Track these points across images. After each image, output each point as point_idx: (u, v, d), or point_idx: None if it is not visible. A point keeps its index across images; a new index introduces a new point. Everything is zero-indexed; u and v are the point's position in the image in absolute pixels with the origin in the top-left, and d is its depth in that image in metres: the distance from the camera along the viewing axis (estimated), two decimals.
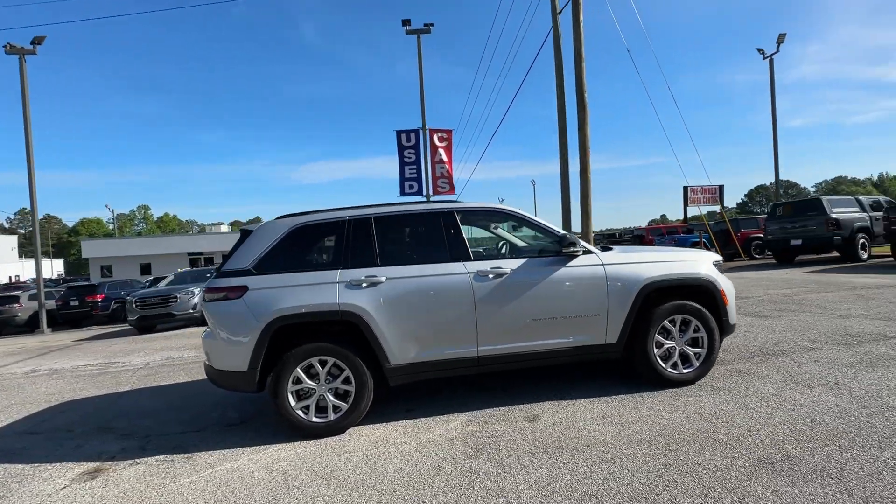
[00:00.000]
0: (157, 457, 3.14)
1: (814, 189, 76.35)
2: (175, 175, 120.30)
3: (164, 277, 15.07)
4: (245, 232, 3.63)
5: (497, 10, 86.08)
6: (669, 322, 3.60)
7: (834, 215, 12.65)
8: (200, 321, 10.93)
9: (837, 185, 76.08)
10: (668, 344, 3.61)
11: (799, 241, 13.34)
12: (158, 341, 9.38)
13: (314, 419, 3.24)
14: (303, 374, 3.24)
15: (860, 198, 14.13)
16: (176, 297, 11.80)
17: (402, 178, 16.24)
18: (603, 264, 3.59)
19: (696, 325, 3.62)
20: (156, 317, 11.78)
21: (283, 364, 3.20)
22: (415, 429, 3.27)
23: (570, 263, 3.56)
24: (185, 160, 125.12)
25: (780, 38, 21.58)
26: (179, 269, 16.52)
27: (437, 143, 16.37)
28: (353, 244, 3.50)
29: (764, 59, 22.48)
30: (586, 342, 3.54)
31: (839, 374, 3.59)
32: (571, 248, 3.55)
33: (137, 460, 3.11)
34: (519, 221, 3.90)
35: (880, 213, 12.70)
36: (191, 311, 11.70)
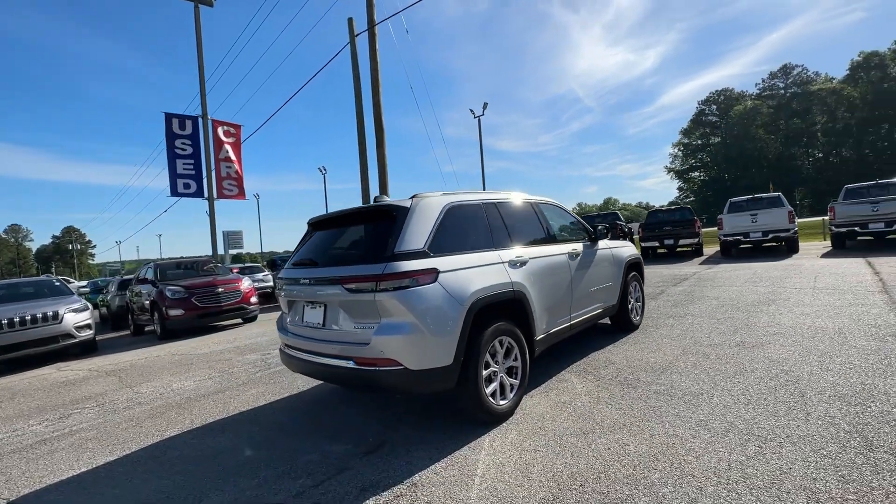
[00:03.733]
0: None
1: None
2: None
3: None
4: (393, 209, 3.11)
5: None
6: (632, 285, 5.48)
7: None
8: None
9: None
10: (633, 298, 5.49)
11: None
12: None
13: (500, 403, 3.23)
14: (489, 357, 3.19)
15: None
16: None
17: (174, 174, 12.82)
18: (609, 248, 5.09)
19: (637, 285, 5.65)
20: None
21: (478, 349, 3.05)
22: (542, 395, 3.73)
23: (596, 246, 4.87)
24: None
25: (485, 106, 30.02)
26: None
27: (223, 137, 13.86)
28: (493, 226, 3.65)
29: (474, 118, 30.56)
30: (606, 305, 4.92)
31: None
32: (597, 236, 4.88)
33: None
34: (565, 214, 4.90)
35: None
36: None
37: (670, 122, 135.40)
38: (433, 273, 2.93)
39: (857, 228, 11.81)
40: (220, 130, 13.71)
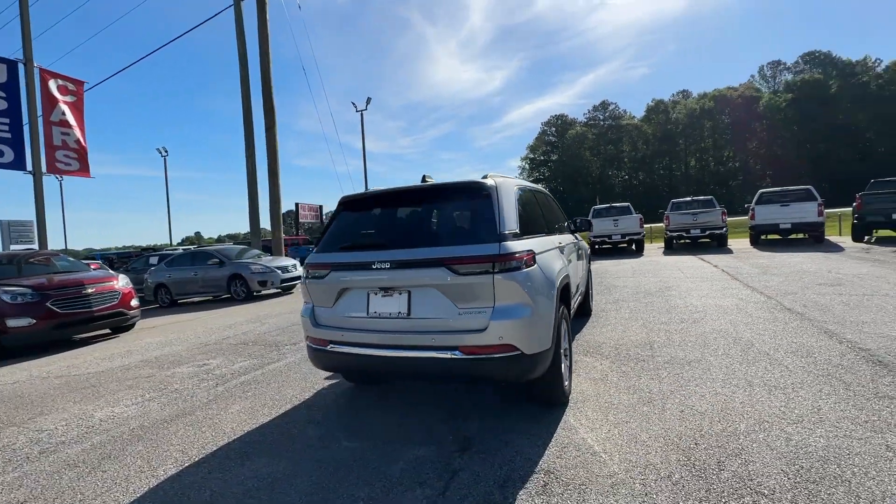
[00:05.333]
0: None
1: None
2: None
3: None
4: (484, 187, 2.93)
5: None
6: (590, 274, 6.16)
7: None
8: None
9: None
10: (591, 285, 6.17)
11: None
12: None
13: (565, 383, 3.31)
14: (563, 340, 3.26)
15: None
16: None
17: None
18: (577, 239, 5.64)
19: None
20: None
21: (559, 331, 3.10)
22: (574, 375, 4.01)
23: (576, 237, 5.37)
24: None
25: (368, 101, 29.31)
26: None
27: (58, 94, 10.53)
28: (542, 212, 3.75)
29: (356, 111, 29.58)
30: (583, 291, 5.45)
31: None
32: (575, 228, 5.38)
33: None
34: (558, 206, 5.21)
35: None
36: None
37: (514, 138, 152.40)
38: (533, 254, 2.88)
39: (683, 233, 15.40)
40: (52, 84, 10.32)
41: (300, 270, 12.36)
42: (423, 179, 3.51)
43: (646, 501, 2.12)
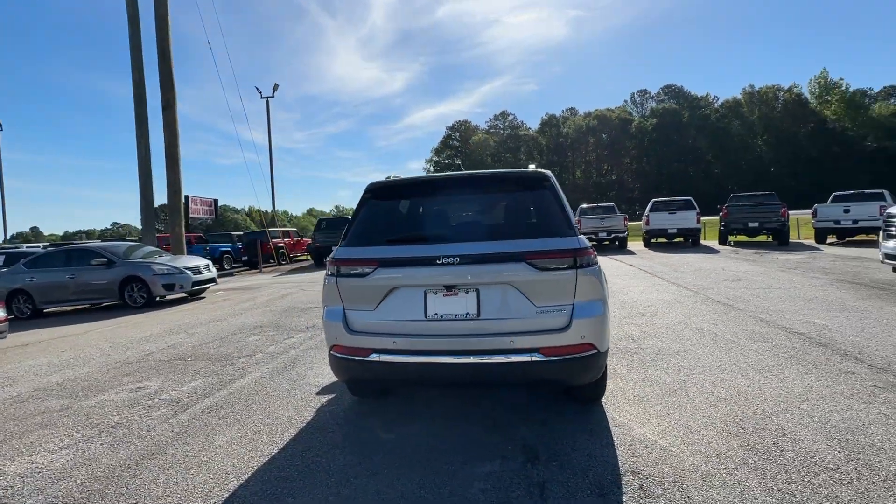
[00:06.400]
0: None
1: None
2: None
3: None
4: (544, 177, 2.77)
5: None
6: None
7: None
8: None
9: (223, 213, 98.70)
10: None
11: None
12: None
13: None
14: None
15: None
16: None
17: None
18: None
19: None
20: None
21: None
22: None
23: None
24: None
25: (275, 88, 26.88)
26: None
27: None
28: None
29: (261, 98, 26.93)
30: None
31: None
32: None
33: None
34: None
35: None
36: None
37: (415, 140, 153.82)
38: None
39: (592, 236, 16.99)
40: None
41: (214, 272, 10.79)
42: (457, 170, 3.23)
43: (743, 489, 2.19)
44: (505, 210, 2.90)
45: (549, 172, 2.85)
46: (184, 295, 10.41)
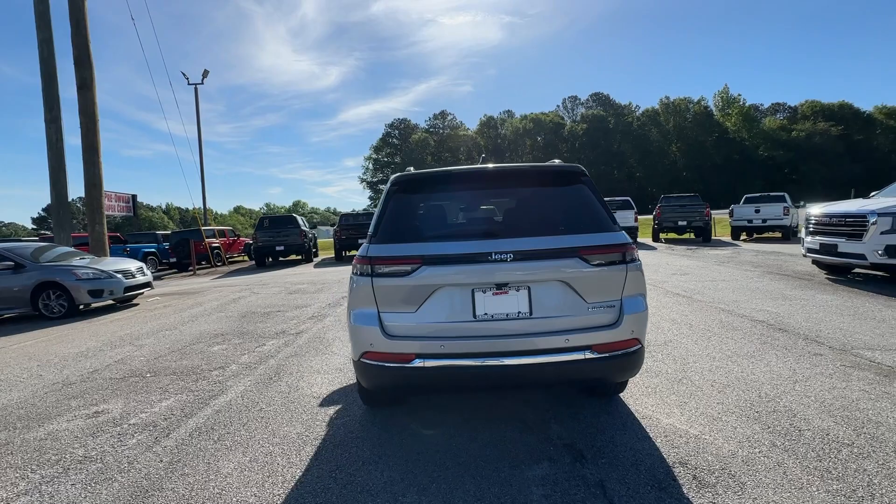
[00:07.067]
0: None
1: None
2: None
3: None
4: (581, 171, 2.75)
5: None
6: None
7: (305, 229, 17.71)
8: None
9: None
10: None
11: (282, 247, 17.28)
12: None
13: None
14: None
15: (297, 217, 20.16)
16: None
17: None
18: None
19: None
20: None
21: None
22: None
23: None
24: None
25: (205, 74, 24.61)
26: None
27: None
28: None
29: (189, 84, 24.54)
30: None
31: None
32: None
33: None
34: None
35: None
36: None
37: (350, 138, 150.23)
38: None
39: None
40: None
41: (149, 275, 9.63)
42: (484, 161, 3.11)
43: (785, 471, 2.31)
44: (546, 205, 2.81)
45: (581, 167, 2.83)
46: (111, 302, 9.18)
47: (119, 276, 8.69)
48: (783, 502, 2.08)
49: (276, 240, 17.27)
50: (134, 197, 26.32)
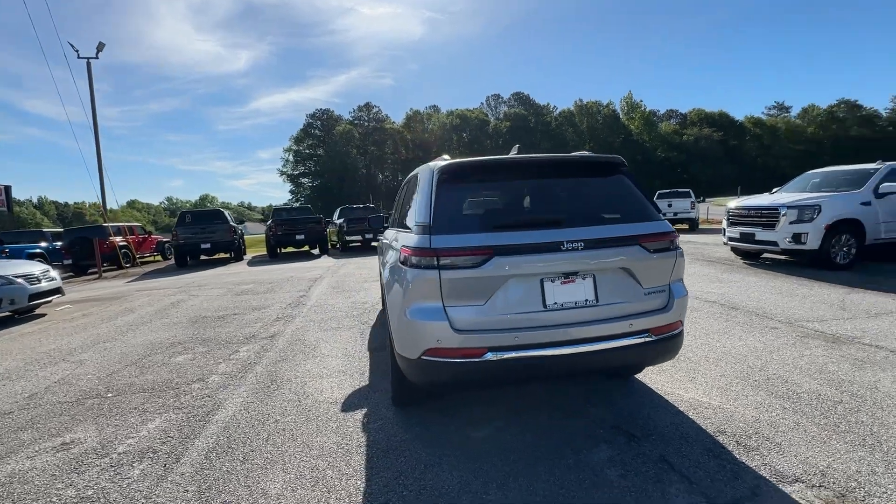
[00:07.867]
0: None
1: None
2: None
3: None
4: (621, 162, 2.83)
5: None
6: None
7: (233, 224, 16.19)
8: None
9: None
10: None
11: (208, 245, 15.67)
12: None
13: None
14: None
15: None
16: None
17: None
18: None
19: None
20: None
21: None
22: None
23: None
24: None
25: (100, 47, 21.21)
26: None
27: None
28: None
29: (79, 58, 20.97)
30: None
31: None
32: None
33: None
34: None
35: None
36: None
37: (264, 127, 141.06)
38: None
39: None
40: None
41: (58, 280, 8.18)
42: (519, 151, 3.09)
43: (805, 430, 2.65)
44: (593, 194, 2.87)
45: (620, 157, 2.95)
46: (8, 314, 7.65)
47: (21, 281, 7.26)
48: (817, 456, 2.39)
49: (201, 237, 15.62)
50: (8, 189, 22.22)
